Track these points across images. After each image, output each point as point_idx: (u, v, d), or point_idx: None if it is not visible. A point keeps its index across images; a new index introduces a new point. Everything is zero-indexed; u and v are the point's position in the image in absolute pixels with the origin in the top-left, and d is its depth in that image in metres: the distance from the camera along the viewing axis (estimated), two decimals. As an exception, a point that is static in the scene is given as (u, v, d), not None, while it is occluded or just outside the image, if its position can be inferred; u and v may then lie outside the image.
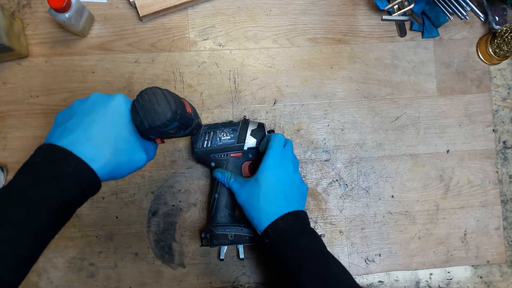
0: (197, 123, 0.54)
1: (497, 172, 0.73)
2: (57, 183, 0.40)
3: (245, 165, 0.65)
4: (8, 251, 0.37)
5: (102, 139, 0.44)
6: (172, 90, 0.69)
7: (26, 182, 0.40)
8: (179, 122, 0.48)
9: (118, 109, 0.46)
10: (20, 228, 0.38)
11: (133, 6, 0.69)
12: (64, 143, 0.42)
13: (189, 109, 0.51)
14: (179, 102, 0.48)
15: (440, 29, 0.73)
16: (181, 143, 0.69)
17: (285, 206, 0.57)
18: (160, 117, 0.45)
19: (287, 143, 0.61)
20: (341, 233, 0.70)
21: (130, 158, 0.47)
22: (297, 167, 0.61)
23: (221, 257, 0.64)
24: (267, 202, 0.57)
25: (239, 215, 0.67)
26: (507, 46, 0.68)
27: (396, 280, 0.71)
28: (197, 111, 0.69)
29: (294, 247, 0.55)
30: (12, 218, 0.38)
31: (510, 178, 0.74)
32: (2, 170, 0.66)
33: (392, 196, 0.71)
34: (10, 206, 0.39)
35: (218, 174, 0.62)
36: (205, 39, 0.71)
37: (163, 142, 0.53)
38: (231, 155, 0.63)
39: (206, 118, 0.70)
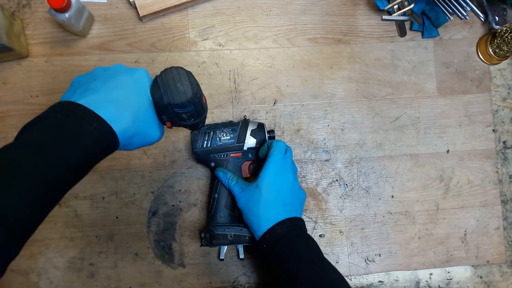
0: (205, 116, 0.55)
1: (497, 172, 0.73)
2: (78, 141, 0.40)
3: (245, 165, 0.65)
4: (26, 196, 0.36)
5: (124, 104, 0.43)
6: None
7: (46, 136, 0.39)
8: (195, 107, 0.48)
9: (141, 80, 0.46)
10: (39, 179, 0.37)
11: (133, 6, 0.69)
12: (85, 101, 0.41)
13: (204, 100, 0.52)
14: (200, 87, 0.49)
15: (440, 29, 0.73)
16: (181, 143, 0.69)
17: (283, 213, 0.58)
18: (181, 96, 0.46)
19: (287, 150, 0.62)
20: (341, 233, 0.70)
21: (146, 129, 0.47)
22: (296, 174, 0.62)
23: (221, 257, 0.64)
24: (266, 209, 0.57)
25: (238, 215, 0.67)
26: (507, 46, 0.68)
27: (396, 280, 0.71)
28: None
29: (291, 253, 0.55)
30: (31, 170, 0.37)
31: (510, 178, 0.74)
32: (2, 170, 0.66)
33: (392, 196, 0.71)
34: (31, 158, 0.37)
35: (220, 173, 0.62)
36: (205, 39, 0.71)
37: (171, 127, 0.53)
38: (231, 155, 0.64)
39: (206, 118, 0.70)
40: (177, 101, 0.46)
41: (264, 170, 0.59)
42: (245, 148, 0.64)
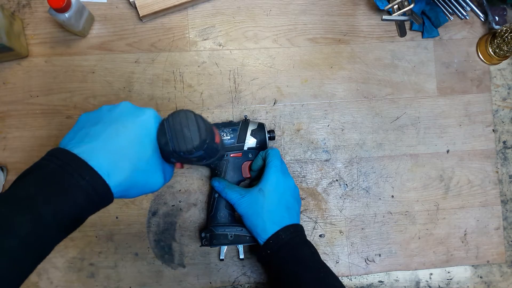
0: (221, 154, 0.52)
1: (497, 172, 0.73)
2: (69, 196, 0.37)
3: (245, 165, 0.65)
4: (8, 263, 0.34)
5: (124, 154, 0.41)
6: (172, 90, 0.69)
7: (37, 190, 0.37)
8: (205, 151, 0.45)
9: (147, 124, 0.43)
10: (25, 241, 0.35)
11: (133, 6, 0.69)
12: (82, 150, 0.39)
13: (217, 139, 0.49)
14: (210, 130, 0.46)
15: (440, 29, 0.73)
16: (181, 143, 0.69)
17: (288, 218, 0.58)
18: (187, 143, 0.43)
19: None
20: (341, 233, 0.70)
21: (147, 179, 0.44)
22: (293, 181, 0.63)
23: (221, 257, 0.64)
24: (271, 213, 0.58)
25: (238, 217, 0.67)
26: (507, 46, 0.68)
27: (396, 280, 0.71)
28: (197, 111, 0.69)
29: (295, 259, 0.55)
30: (18, 230, 0.35)
31: (510, 178, 0.74)
32: (2, 170, 0.66)
33: (392, 196, 0.71)
34: (19, 215, 0.35)
35: (216, 183, 0.62)
36: (205, 39, 0.71)
37: (182, 167, 0.51)
38: (231, 155, 0.63)
39: (206, 118, 0.69)
40: (183, 148, 0.43)
41: (267, 174, 0.59)
42: (245, 148, 0.64)
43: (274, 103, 0.71)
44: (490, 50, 0.72)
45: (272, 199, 0.58)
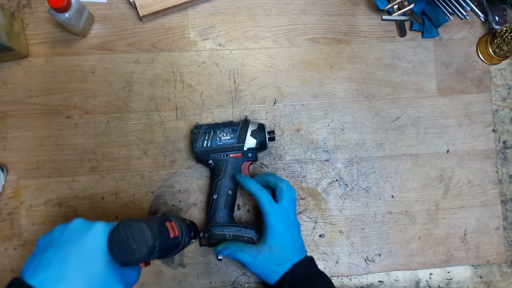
0: (186, 241, 0.52)
1: (497, 172, 0.73)
2: None
3: (245, 165, 0.65)
4: None
5: (76, 277, 0.42)
6: (172, 90, 0.69)
7: None
8: (160, 252, 0.45)
9: (96, 240, 0.44)
10: None
11: (133, 6, 0.69)
12: (36, 281, 0.41)
13: (174, 233, 0.48)
14: (158, 233, 0.45)
15: (440, 29, 0.73)
16: (181, 143, 0.69)
17: (297, 255, 0.59)
18: (135, 254, 0.43)
19: (283, 189, 0.60)
20: (341, 233, 0.70)
21: None
22: (295, 207, 0.62)
23: (219, 257, 0.64)
24: (284, 261, 0.58)
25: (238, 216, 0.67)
26: (507, 46, 0.68)
27: (396, 280, 0.71)
28: (197, 111, 0.69)
29: None
30: None
31: (510, 178, 0.74)
32: (2, 170, 0.66)
33: (392, 196, 0.71)
34: None
35: (225, 252, 0.59)
36: (205, 39, 0.71)
37: (148, 265, 0.50)
38: (231, 155, 0.63)
39: (206, 118, 0.70)
40: (132, 260, 0.43)
41: (270, 229, 0.58)
42: (245, 148, 0.64)
43: (274, 103, 0.71)
44: (490, 50, 0.72)
45: (284, 252, 0.58)
